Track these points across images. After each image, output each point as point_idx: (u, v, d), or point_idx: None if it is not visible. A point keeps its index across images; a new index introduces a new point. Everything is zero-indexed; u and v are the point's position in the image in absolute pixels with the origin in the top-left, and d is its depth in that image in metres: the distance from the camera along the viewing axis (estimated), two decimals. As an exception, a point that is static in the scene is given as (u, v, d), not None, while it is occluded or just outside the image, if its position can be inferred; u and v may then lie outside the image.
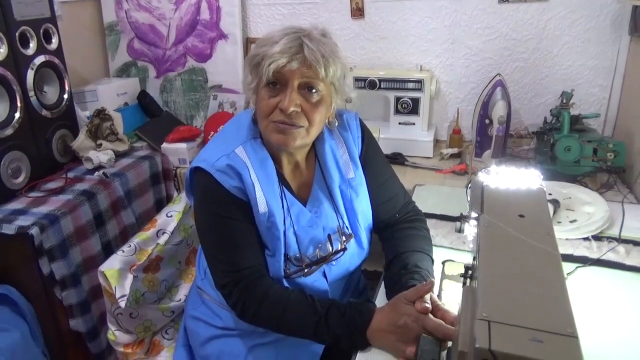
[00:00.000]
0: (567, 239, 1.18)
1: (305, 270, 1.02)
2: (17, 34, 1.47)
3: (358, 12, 1.92)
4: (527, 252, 0.70)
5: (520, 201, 0.85)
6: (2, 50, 1.42)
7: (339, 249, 1.05)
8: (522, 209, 0.81)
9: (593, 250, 1.14)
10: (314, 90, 0.95)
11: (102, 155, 1.68)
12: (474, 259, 0.77)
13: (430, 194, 1.47)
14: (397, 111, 1.86)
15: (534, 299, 0.60)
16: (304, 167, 1.08)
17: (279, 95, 0.94)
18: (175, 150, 1.86)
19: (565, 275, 0.79)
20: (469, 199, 0.96)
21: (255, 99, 1.01)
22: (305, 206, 1.06)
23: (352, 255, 1.09)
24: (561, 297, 0.61)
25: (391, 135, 1.84)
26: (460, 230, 0.98)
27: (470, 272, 0.78)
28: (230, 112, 2.02)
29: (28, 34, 1.51)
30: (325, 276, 1.07)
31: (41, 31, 1.56)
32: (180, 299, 1.36)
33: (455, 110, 1.91)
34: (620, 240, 1.16)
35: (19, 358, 1.33)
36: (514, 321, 0.56)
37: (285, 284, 1.02)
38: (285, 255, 1.02)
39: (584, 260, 1.10)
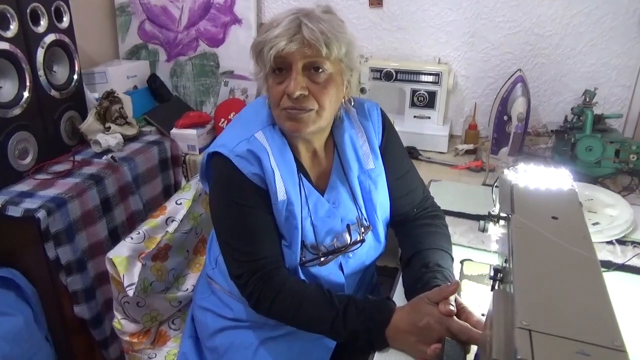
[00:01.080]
0: (589, 242, 1.15)
1: (322, 260, 0.99)
2: (28, 11, 1.42)
3: (376, 1, 1.87)
4: (564, 257, 0.66)
5: (552, 202, 0.81)
6: (12, 27, 1.37)
7: (358, 240, 1.02)
8: (555, 210, 0.78)
9: (617, 255, 1.11)
10: (320, 70, 0.91)
11: (110, 139, 1.64)
12: (505, 261, 0.74)
13: (447, 191, 1.43)
14: (413, 104, 1.82)
15: (576, 307, 0.57)
16: (323, 155, 1.05)
17: (286, 80, 0.91)
18: (185, 136, 1.82)
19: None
20: (494, 197, 0.93)
21: (265, 88, 0.98)
22: (323, 196, 1.03)
23: (369, 249, 1.06)
24: (605, 306, 0.57)
25: (406, 128, 1.80)
26: (484, 230, 0.94)
27: (500, 274, 0.74)
28: (241, 100, 1.98)
29: (39, 11, 1.47)
30: (341, 269, 1.04)
31: (52, 9, 1.52)
32: (187, 289, 1.33)
33: (471, 105, 1.87)
34: (646, 246, 1.13)
35: (22, 343, 1.31)
36: (557, 331, 0.53)
37: (301, 272, 0.99)
38: (302, 242, 0.99)
39: (608, 265, 1.07)
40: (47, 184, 1.41)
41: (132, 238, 1.19)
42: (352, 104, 1.05)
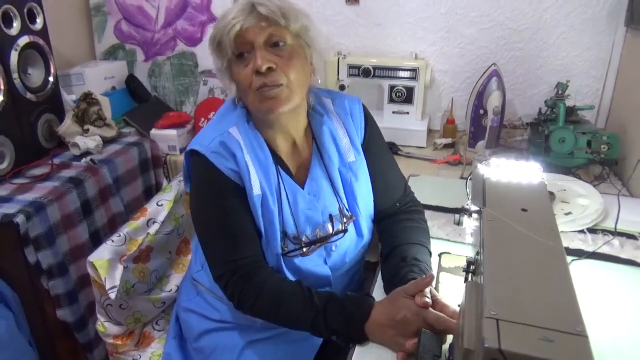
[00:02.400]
0: (562, 232, 1.17)
1: (304, 250, 1.00)
2: (-1, 13, 1.41)
3: (353, -3, 1.88)
4: (532, 248, 0.69)
5: (522, 195, 0.84)
6: (-17, 30, 1.36)
7: (340, 229, 1.04)
8: (525, 202, 0.80)
9: (588, 243, 1.14)
10: (282, 43, 0.94)
11: (89, 141, 1.63)
12: (477, 253, 0.76)
13: (425, 185, 1.46)
14: (391, 100, 1.84)
15: (542, 296, 0.59)
16: (302, 146, 1.06)
17: (251, 61, 0.93)
18: (165, 137, 1.82)
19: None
20: (468, 191, 0.95)
21: (230, 81, 1.00)
22: (303, 188, 1.04)
23: (351, 241, 1.07)
24: (568, 294, 0.60)
25: (385, 124, 1.82)
26: (459, 223, 0.96)
27: (472, 266, 0.77)
28: (221, 98, 1.98)
29: (11, 13, 1.45)
30: (325, 262, 1.05)
31: (25, 10, 1.50)
32: (171, 289, 1.34)
33: (449, 99, 1.90)
34: (616, 234, 1.16)
35: (4, 347, 1.30)
36: (523, 320, 0.55)
37: (283, 264, 1.00)
38: (284, 233, 1.00)
39: (579, 254, 1.10)
40: (25, 188, 1.40)
41: (112, 241, 1.19)
42: (334, 104, 1.07)
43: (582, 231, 1.18)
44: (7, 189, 1.40)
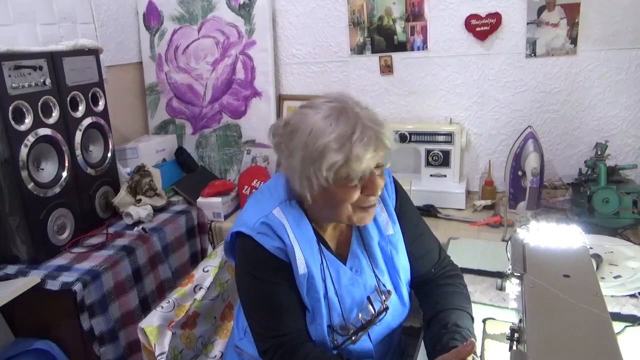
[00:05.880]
0: (612, 296, 1.14)
1: (353, 339, 1.01)
2: (68, 99, 1.56)
3: (387, 68, 1.98)
4: (576, 315, 0.68)
5: (564, 260, 0.84)
6: (54, 114, 1.51)
7: (381, 309, 1.04)
8: (567, 268, 0.80)
9: (642, 308, 1.10)
10: (382, 164, 0.97)
11: (141, 211, 1.73)
12: (520, 321, 0.76)
13: (466, 248, 1.45)
14: (428, 163, 1.88)
15: (588, 366, 0.59)
16: (344, 225, 1.09)
17: (361, 182, 0.94)
18: (211, 205, 1.91)
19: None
20: (509, 255, 0.95)
21: (320, 189, 0.93)
22: (345, 264, 1.06)
23: (395, 313, 1.08)
24: (616, 364, 0.59)
25: (423, 187, 1.85)
26: (501, 288, 0.97)
27: (516, 334, 0.76)
28: (263, 167, 2.07)
29: (78, 98, 1.61)
30: (369, 337, 1.05)
31: (89, 95, 1.66)
32: (215, 356, 1.35)
33: (486, 161, 1.92)
34: (671, 298, 1.12)
35: (56, 415, 1.33)
36: (569, 391, 0.55)
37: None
38: (330, 326, 1.00)
39: (633, 319, 1.06)
40: (83, 257, 1.49)
41: (162, 307, 1.23)
42: None
43: (634, 295, 1.14)
44: (66, 258, 1.49)
